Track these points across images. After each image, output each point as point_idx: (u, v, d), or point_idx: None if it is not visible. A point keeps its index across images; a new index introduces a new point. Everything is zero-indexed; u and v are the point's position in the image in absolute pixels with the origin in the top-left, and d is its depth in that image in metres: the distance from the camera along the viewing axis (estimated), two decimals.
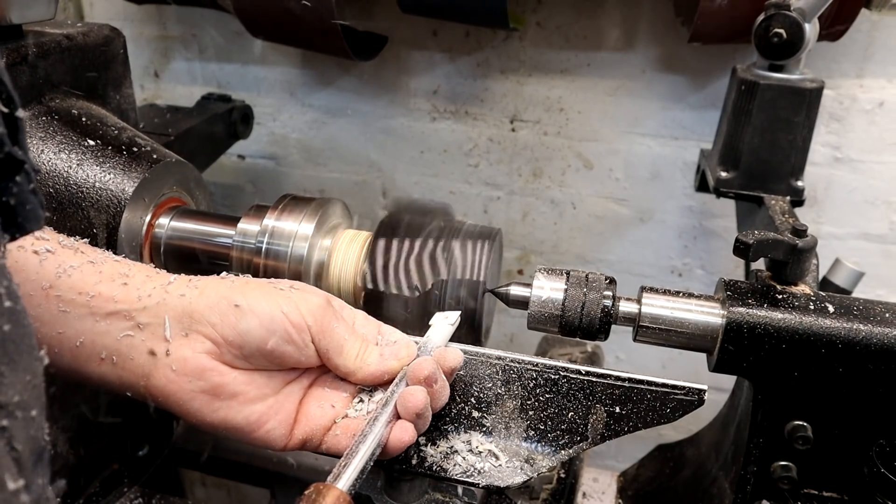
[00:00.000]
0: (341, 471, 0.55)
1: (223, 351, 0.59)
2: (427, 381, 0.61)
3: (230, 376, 0.60)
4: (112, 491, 1.04)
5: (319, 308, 0.61)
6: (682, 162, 1.49)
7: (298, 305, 0.60)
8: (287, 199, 0.89)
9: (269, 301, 0.60)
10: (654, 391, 0.65)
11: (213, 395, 0.59)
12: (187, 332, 0.59)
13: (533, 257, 1.68)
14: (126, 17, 1.71)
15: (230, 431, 0.61)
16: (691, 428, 1.05)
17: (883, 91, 1.35)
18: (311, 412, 0.63)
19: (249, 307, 0.59)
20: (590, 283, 0.74)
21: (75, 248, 0.62)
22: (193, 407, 0.59)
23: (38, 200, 0.40)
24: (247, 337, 0.59)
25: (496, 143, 1.59)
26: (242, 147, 1.72)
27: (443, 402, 0.63)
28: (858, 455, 0.73)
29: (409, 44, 1.55)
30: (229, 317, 0.59)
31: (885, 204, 1.42)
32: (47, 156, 0.82)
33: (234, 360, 0.60)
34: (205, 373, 0.59)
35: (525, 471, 0.65)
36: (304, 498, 0.52)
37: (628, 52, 1.44)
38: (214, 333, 0.59)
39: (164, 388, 0.59)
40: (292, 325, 0.60)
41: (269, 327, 0.59)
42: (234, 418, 0.60)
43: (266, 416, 0.61)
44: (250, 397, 0.60)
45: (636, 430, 0.66)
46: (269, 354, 0.60)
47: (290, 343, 0.60)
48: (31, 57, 0.83)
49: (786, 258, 0.75)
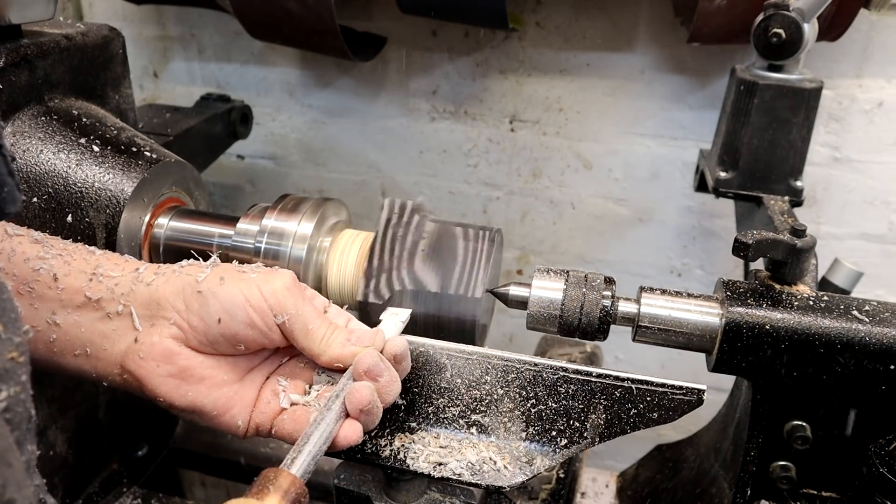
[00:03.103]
0: (294, 457, 0.56)
1: (189, 336, 0.60)
2: (369, 373, 0.61)
3: (197, 360, 0.61)
4: (111, 491, 1.04)
5: (283, 290, 0.61)
6: (681, 162, 1.49)
7: (261, 289, 0.61)
8: (286, 199, 0.89)
9: (231, 287, 0.61)
10: (653, 391, 0.65)
11: (181, 378, 0.61)
12: (154, 319, 0.60)
13: (532, 257, 1.68)
14: (125, 18, 1.71)
15: (198, 415, 0.62)
16: (690, 428, 1.05)
17: (882, 91, 1.35)
18: (268, 399, 0.64)
19: (212, 293, 0.60)
20: (589, 283, 0.74)
21: (44, 241, 0.63)
22: (163, 390, 0.60)
23: (15, 183, 0.40)
24: (210, 322, 0.60)
25: (495, 144, 1.59)
26: (242, 147, 1.73)
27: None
28: (857, 455, 0.73)
29: (409, 44, 1.55)
30: (193, 303, 0.60)
31: (883, 204, 1.42)
32: (46, 156, 0.82)
33: (199, 345, 0.61)
34: (172, 357, 0.60)
35: (524, 471, 0.65)
36: (258, 481, 0.53)
37: (627, 52, 1.44)
38: (180, 319, 0.60)
39: (135, 372, 0.60)
40: (254, 310, 0.60)
41: (231, 311, 0.60)
42: (203, 402, 0.61)
43: (232, 400, 0.62)
44: (217, 381, 0.62)
45: (635, 430, 0.66)
46: (232, 339, 0.61)
47: (252, 328, 0.61)
48: (31, 57, 0.83)
49: (785, 258, 0.75)
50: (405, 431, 0.68)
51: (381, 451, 0.66)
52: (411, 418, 0.68)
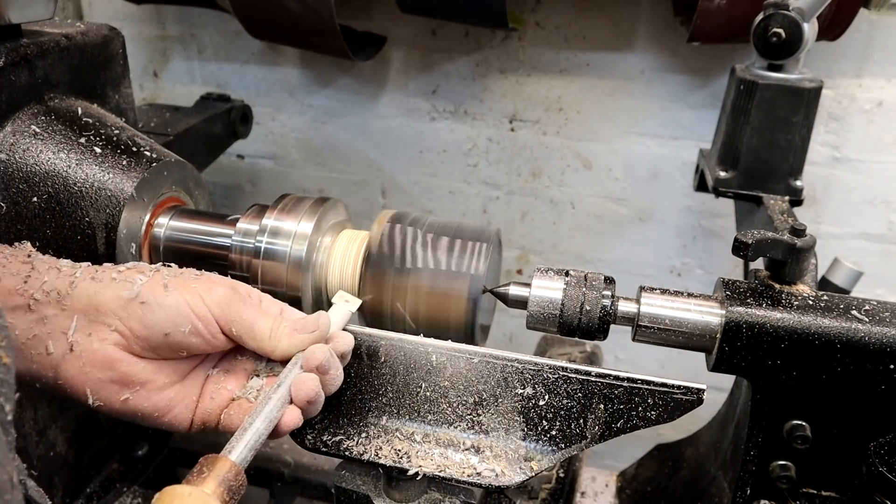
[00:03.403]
0: (234, 444, 0.57)
1: (131, 342, 0.60)
2: (320, 368, 0.62)
3: (138, 366, 0.61)
4: (111, 491, 1.04)
5: (225, 298, 0.62)
6: (680, 162, 1.49)
7: (204, 298, 0.61)
8: (286, 199, 0.89)
9: (174, 295, 0.61)
10: (652, 391, 0.65)
11: (122, 384, 0.60)
12: (94, 325, 0.60)
13: (532, 257, 1.68)
14: (125, 17, 1.71)
15: (138, 418, 0.62)
16: (690, 427, 1.05)
17: (882, 91, 1.35)
18: (210, 394, 0.64)
19: (156, 302, 0.60)
20: (589, 282, 0.74)
21: None
22: (102, 396, 0.60)
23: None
24: (153, 330, 0.60)
25: (495, 143, 1.59)
26: (242, 147, 1.73)
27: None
28: (857, 454, 0.73)
29: (409, 44, 1.55)
30: (136, 310, 0.60)
31: (883, 203, 1.42)
32: (46, 155, 0.82)
33: (141, 351, 0.61)
34: (113, 363, 0.60)
35: (524, 470, 0.65)
36: (196, 467, 0.53)
37: (627, 52, 1.44)
38: (122, 326, 0.60)
39: (72, 378, 0.60)
40: (198, 318, 0.61)
41: (175, 321, 0.60)
42: (143, 405, 0.61)
43: (174, 401, 0.62)
44: (158, 385, 0.62)
45: (635, 430, 0.66)
46: (175, 346, 0.61)
47: (196, 335, 0.61)
48: (31, 56, 0.83)
49: (784, 258, 0.75)
50: (405, 431, 0.68)
51: (381, 451, 0.66)
52: (411, 418, 0.68)
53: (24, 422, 0.89)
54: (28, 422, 0.90)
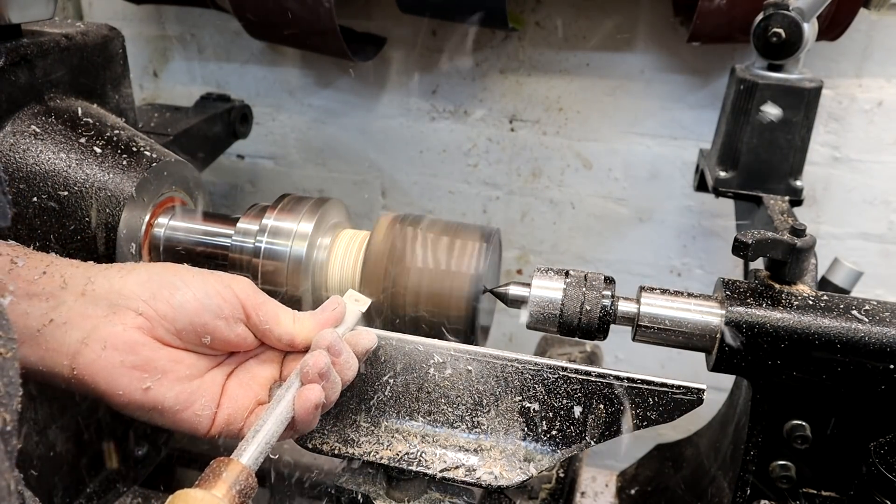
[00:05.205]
0: (245, 447, 0.56)
1: (155, 325, 0.60)
2: (331, 350, 0.62)
3: (161, 352, 0.60)
4: (111, 491, 1.04)
5: (250, 286, 0.64)
6: (681, 162, 1.49)
7: (231, 284, 0.63)
8: (286, 199, 0.89)
9: (202, 278, 0.62)
10: (652, 391, 0.65)
11: (143, 370, 0.59)
12: (116, 308, 0.59)
13: (532, 257, 1.68)
14: (125, 17, 1.71)
15: (157, 412, 0.60)
16: (690, 427, 1.05)
17: (882, 91, 1.35)
18: (234, 395, 0.64)
19: (184, 282, 0.61)
20: (589, 282, 0.75)
21: None
22: (122, 383, 0.59)
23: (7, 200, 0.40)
24: (181, 310, 0.60)
25: (495, 143, 1.59)
26: (241, 147, 1.72)
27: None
28: (857, 454, 0.73)
29: (409, 44, 1.55)
30: (163, 291, 0.60)
31: (883, 203, 1.42)
32: (46, 155, 0.82)
33: (164, 335, 0.60)
34: (136, 347, 0.59)
35: (524, 470, 0.65)
36: (207, 471, 0.53)
37: (627, 52, 1.44)
38: (147, 308, 0.60)
39: (91, 365, 0.58)
40: (225, 301, 0.61)
41: (204, 301, 0.61)
42: (164, 396, 0.60)
43: (195, 395, 0.62)
44: (180, 376, 0.61)
45: (635, 430, 0.66)
46: (200, 329, 0.61)
47: (221, 318, 0.61)
48: (31, 56, 0.83)
49: (784, 258, 0.75)
50: (405, 431, 0.68)
51: (381, 451, 0.66)
52: (411, 418, 0.68)
53: (25, 422, 0.89)
54: (28, 422, 0.89)
